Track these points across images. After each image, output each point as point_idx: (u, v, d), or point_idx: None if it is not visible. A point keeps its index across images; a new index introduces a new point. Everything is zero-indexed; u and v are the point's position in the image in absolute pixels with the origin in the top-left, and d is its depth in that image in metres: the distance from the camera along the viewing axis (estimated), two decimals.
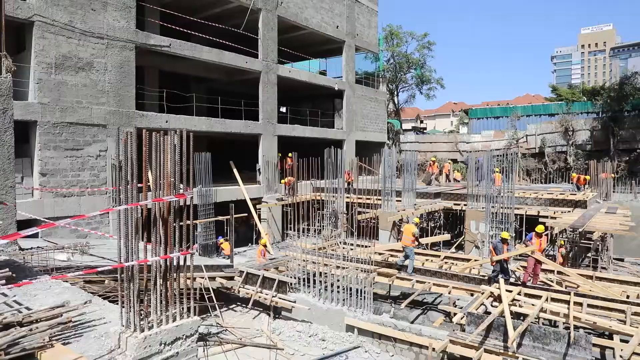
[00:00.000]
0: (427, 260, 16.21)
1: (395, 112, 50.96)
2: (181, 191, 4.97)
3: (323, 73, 32.54)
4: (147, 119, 18.50)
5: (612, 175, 25.81)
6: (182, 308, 4.98)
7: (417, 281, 13.70)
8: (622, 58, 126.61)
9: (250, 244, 23.23)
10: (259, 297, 13.84)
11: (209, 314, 13.42)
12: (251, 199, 22.75)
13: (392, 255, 17.36)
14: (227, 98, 23.14)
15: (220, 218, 20.84)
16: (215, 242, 20.66)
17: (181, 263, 5.02)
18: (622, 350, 9.69)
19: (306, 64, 30.85)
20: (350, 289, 12.78)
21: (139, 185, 4.84)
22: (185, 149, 4.92)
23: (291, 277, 14.00)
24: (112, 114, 17.24)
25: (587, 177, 24.91)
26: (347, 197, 22.50)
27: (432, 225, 22.84)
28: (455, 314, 11.54)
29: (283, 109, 28.67)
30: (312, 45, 30.34)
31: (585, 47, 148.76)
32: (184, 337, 4.80)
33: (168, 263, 4.90)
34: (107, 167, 16.87)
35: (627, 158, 31.67)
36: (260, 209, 23.13)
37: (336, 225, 20.51)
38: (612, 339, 10.50)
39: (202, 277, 13.63)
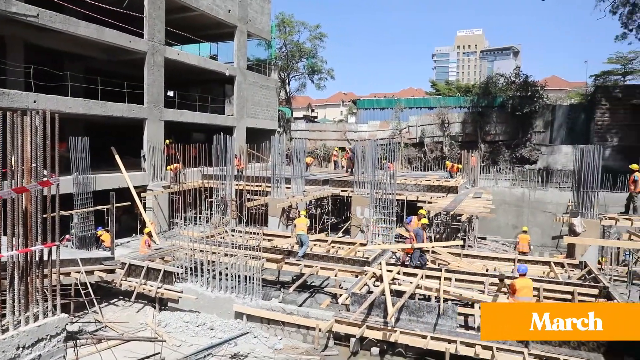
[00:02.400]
0: (315, 245, 16.72)
1: (286, 100, 51.32)
2: (45, 178, 4.54)
3: (214, 58, 31.54)
4: (9, 98, 16.40)
5: (473, 157, 28.55)
6: (46, 306, 4.57)
7: (306, 265, 14.09)
8: (489, 60, 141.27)
9: (134, 235, 21.97)
10: (143, 289, 13.22)
11: (86, 311, 12.52)
12: (135, 187, 21.47)
13: (280, 242, 17.62)
14: (109, 79, 21.35)
15: (99, 207, 19.38)
16: (94, 233, 19.21)
17: (45, 257, 4.60)
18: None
19: (196, 48, 29.63)
20: (239, 276, 12.76)
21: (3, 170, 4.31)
22: (50, 131, 4.49)
23: (178, 267, 13.57)
24: None
25: (459, 166, 27.49)
26: (237, 184, 22.27)
27: (321, 211, 23.59)
28: (341, 295, 12.10)
29: (171, 93, 27.33)
30: (202, 28, 29.22)
31: (461, 48, 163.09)
32: (48, 337, 4.41)
33: (29, 258, 4.45)
34: None
35: (491, 149, 35.54)
36: (145, 197, 21.94)
37: (225, 213, 20.21)
38: (473, 307, 11.85)
39: (78, 272, 12.66)
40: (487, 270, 14.28)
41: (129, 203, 21.10)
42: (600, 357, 9.18)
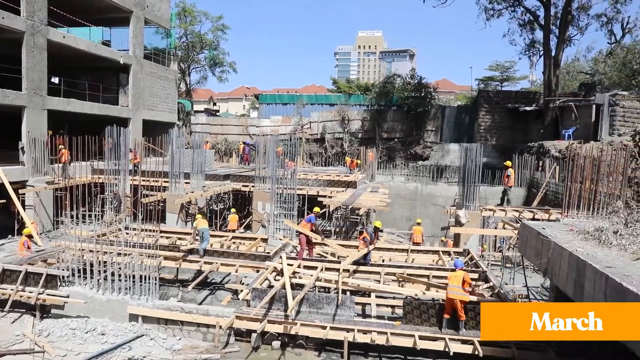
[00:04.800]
0: (216, 241, 16.40)
1: (187, 92, 49.54)
2: None
3: (107, 44, 29.30)
4: None
5: (371, 153, 29.98)
6: None
7: (205, 262, 13.78)
8: (388, 61, 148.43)
9: (10, 236, 19.72)
10: (21, 296, 11.99)
11: None
12: (13, 183, 19.28)
13: (179, 238, 17.05)
14: None
15: None
16: None
17: None
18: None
19: (87, 32, 27.28)
20: (134, 276, 12.12)
21: None
22: None
23: (64, 270, 12.50)
24: None
25: (359, 161, 28.64)
26: (133, 179, 21.04)
27: (222, 207, 23.16)
28: (241, 291, 12.02)
29: (56, 80, 24.90)
30: (94, 11, 26.95)
31: (361, 48, 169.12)
32: None
33: None
34: None
35: (388, 146, 37.52)
36: (24, 194, 19.85)
37: (119, 210, 19.01)
38: (370, 296, 12.45)
39: None
40: (382, 260, 15.08)
41: (4, 201, 18.95)
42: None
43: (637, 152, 19.40)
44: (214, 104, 74.88)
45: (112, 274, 12.21)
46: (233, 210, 21.12)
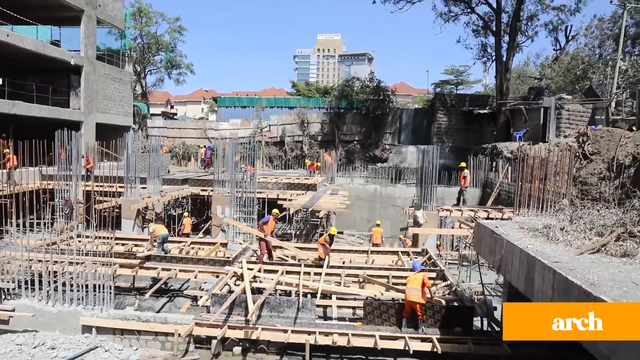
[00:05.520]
0: (174, 247, 16.05)
1: (142, 95, 48.26)
2: None
3: (56, 44, 28.10)
4: None
5: (328, 155, 30.13)
6: None
7: (163, 269, 13.44)
8: (347, 64, 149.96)
9: None
10: None
11: None
12: None
13: (136, 245, 16.56)
14: None
15: None
16: None
17: None
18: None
19: (34, 30, 26.05)
20: (87, 285, 11.66)
21: None
22: None
23: (8, 282, 11.86)
24: None
25: (318, 164, 28.74)
26: (86, 185, 20.24)
27: (180, 212, 22.67)
28: (201, 297, 11.79)
29: None
30: (42, 9, 25.81)
31: (321, 51, 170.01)
32: None
33: None
34: None
35: (347, 148, 37.87)
36: None
37: (71, 217, 18.25)
38: (331, 298, 12.50)
39: None
40: (343, 262, 15.17)
41: None
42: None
43: (581, 153, 20.47)
44: (172, 107, 73.36)
45: (64, 284, 11.69)
46: (186, 213, 20.85)
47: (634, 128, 22.59)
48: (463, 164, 21.67)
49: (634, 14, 37.86)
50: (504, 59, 34.46)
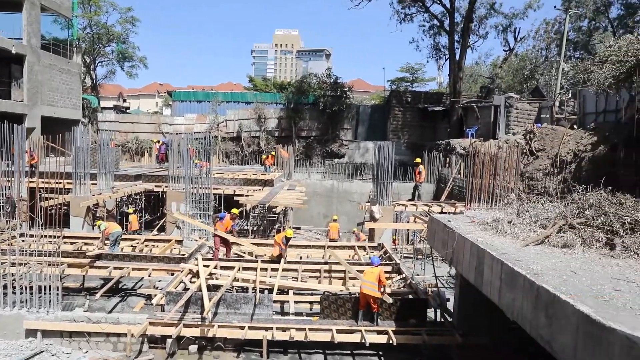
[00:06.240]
0: (127, 244, 15.57)
1: (92, 87, 46.36)
2: None
3: None
4: None
5: (287, 154, 30.07)
6: None
7: (115, 267, 13.01)
8: (304, 60, 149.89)
9: None
10: None
11: None
12: None
13: (86, 244, 15.94)
14: None
15: None
16: None
17: None
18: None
19: None
20: (32, 287, 11.11)
21: None
22: None
23: None
24: None
25: (273, 153, 28.68)
26: (30, 182, 19.25)
27: (134, 208, 21.98)
28: (155, 295, 11.51)
29: None
30: None
31: (279, 46, 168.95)
32: None
33: None
34: None
35: (305, 143, 37.91)
36: None
37: (13, 216, 17.30)
38: (288, 294, 12.51)
39: None
40: (300, 257, 15.21)
41: None
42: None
43: (528, 150, 21.44)
44: (124, 101, 70.74)
45: (5, 287, 11.10)
46: (132, 209, 20.40)
47: (575, 126, 23.88)
48: (418, 160, 22.19)
49: (575, 19, 39.95)
50: (457, 58, 35.49)
